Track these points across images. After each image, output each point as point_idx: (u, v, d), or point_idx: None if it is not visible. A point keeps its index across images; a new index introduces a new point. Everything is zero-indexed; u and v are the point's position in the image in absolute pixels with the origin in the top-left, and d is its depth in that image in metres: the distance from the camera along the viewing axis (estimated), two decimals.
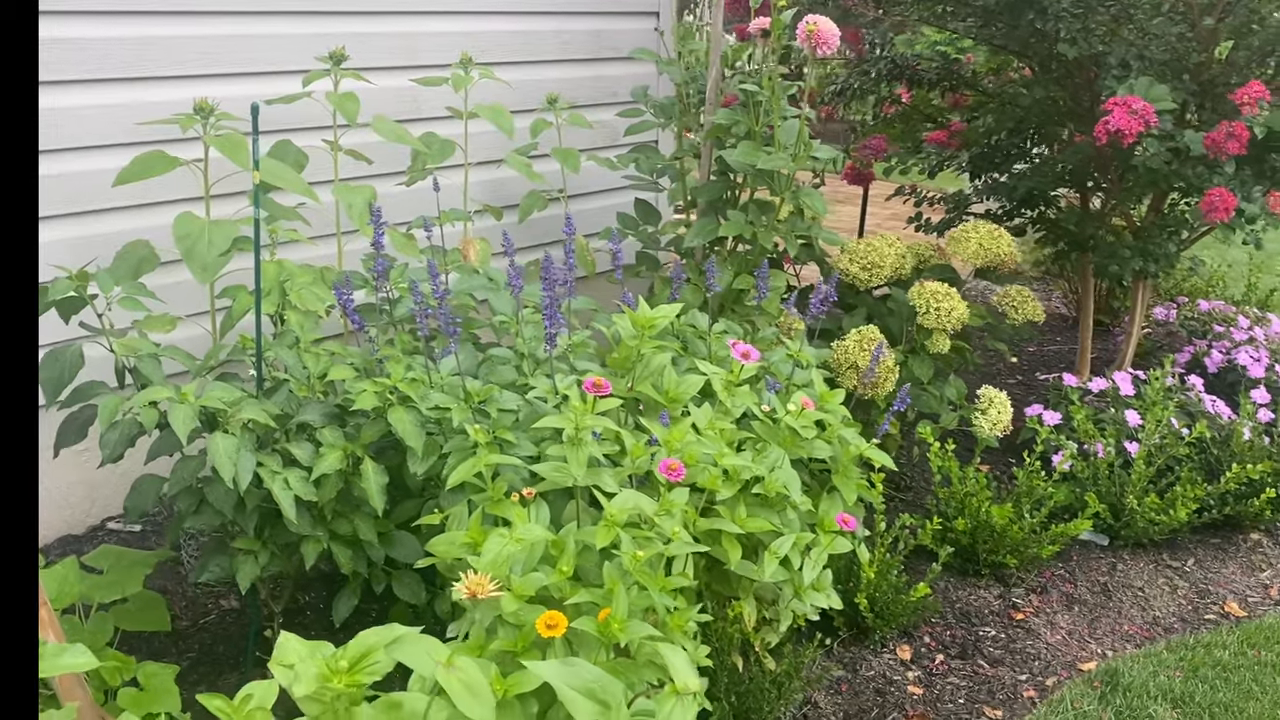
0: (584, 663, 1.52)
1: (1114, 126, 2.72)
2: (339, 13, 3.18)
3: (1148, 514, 3.15)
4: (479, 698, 1.34)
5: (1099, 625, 3.02)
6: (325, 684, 1.44)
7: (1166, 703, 2.63)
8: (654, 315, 2.26)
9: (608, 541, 1.77)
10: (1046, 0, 3.10)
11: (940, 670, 2.78)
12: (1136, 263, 3.53)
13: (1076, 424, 3.32)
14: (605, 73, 3.91)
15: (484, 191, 3.55)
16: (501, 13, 3.61)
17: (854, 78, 4.60)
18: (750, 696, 2.38)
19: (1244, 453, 3.35)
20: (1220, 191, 2.88)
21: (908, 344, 3.28)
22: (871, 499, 2.77)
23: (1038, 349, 5.24)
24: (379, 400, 2.08)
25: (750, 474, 2.22)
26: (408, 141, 2.75)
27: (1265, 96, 2.75)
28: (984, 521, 3.02)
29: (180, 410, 1.86)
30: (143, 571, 2.18)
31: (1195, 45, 3.27)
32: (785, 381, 2.62)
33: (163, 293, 2.53)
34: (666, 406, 2.28)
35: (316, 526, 2.13)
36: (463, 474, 1.93)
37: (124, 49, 2.82)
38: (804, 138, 2.83)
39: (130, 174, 2.31)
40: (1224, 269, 6.27)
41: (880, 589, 2.75)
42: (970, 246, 3.31)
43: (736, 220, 2.88)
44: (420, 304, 2.13)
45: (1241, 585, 3.26)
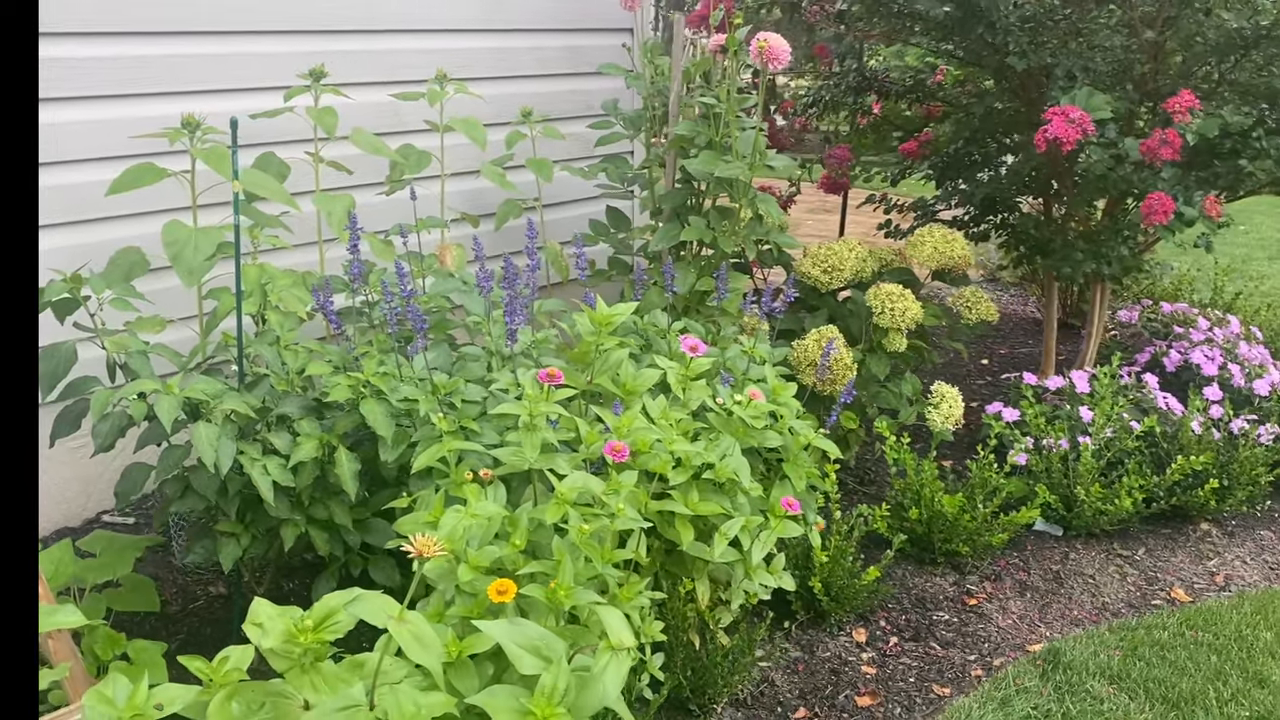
0: (529, 623, 1.68)
1: (1052, 134, 2.88)
2: (322, 32, 3.35)
3: (1094, 503, 3.30)
4: (427, 648, 1.49)
5: (1049, 610, 3.17)
6: (292, 641, 1.59)
7: (1104, 679, 2.77)
8: (611, 313, 2.41)
9: (558, 518, 1.93)
10: (995, 15, 3.27)
11: (894, 652, 2.92)
12: (1089, 265, 3.69)
13: (1028, 420, 3.47)
14: (580, 87, 4.08)
15: (463, 201, 3.71)
16: (480, 30, 3.78)
17: (825, 90, 4.77)
18: (705, 671, 2.52)
19: (1191, 446, 3.50)
20: (1158, 196, 3.04)
21: (867, 343, 3.43)
22: (826, 488, 2.92)
23: (1009, 351, 5.39)
24: (352, 393, 2.23)
25: (701, 460, 2.37)
26: (385, 153, 2.92)
27: (1195, 105, 2.90)
28: (938, 511, 3.17)
29: (166, 400, 2.02)
30: (133, 555, 2.33)
31: (1140, 57, 3.43)
32: (741, 377, 2.77)
33: (154, 297, 2.69)
34: (623, 399, 2.43)
35: (295, 511, 2.29)
36: (427, 459, 2.09)
37: (117, 67, 2.98)
38: (760, 147, 2.99)
39: (121, 184, 2.47)
40: (1195, 273, 6.43)
41: (835, 574, 2.90)
42: (926, 250, 3.47)
43: (698, 226, 3.04)
44: (390, 303, 2.28)
45: (1189, 573, 3.40)
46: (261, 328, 2.46)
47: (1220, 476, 3.49)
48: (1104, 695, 2.70)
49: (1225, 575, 3.39)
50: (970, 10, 3.28)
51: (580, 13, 4.10)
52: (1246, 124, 3.07)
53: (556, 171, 3.51)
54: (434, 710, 1.54)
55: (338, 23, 3.39)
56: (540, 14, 4.00)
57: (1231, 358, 4.19)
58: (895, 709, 2.69)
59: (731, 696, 2.66)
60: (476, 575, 1.83)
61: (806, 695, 2.72)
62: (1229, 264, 7.51)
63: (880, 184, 4.56)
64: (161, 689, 1.67)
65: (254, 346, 2.36)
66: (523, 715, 1.58)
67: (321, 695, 1.56)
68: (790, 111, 4.95)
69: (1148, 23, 3.34)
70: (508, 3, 3.90)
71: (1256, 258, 7.80)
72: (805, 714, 2.65)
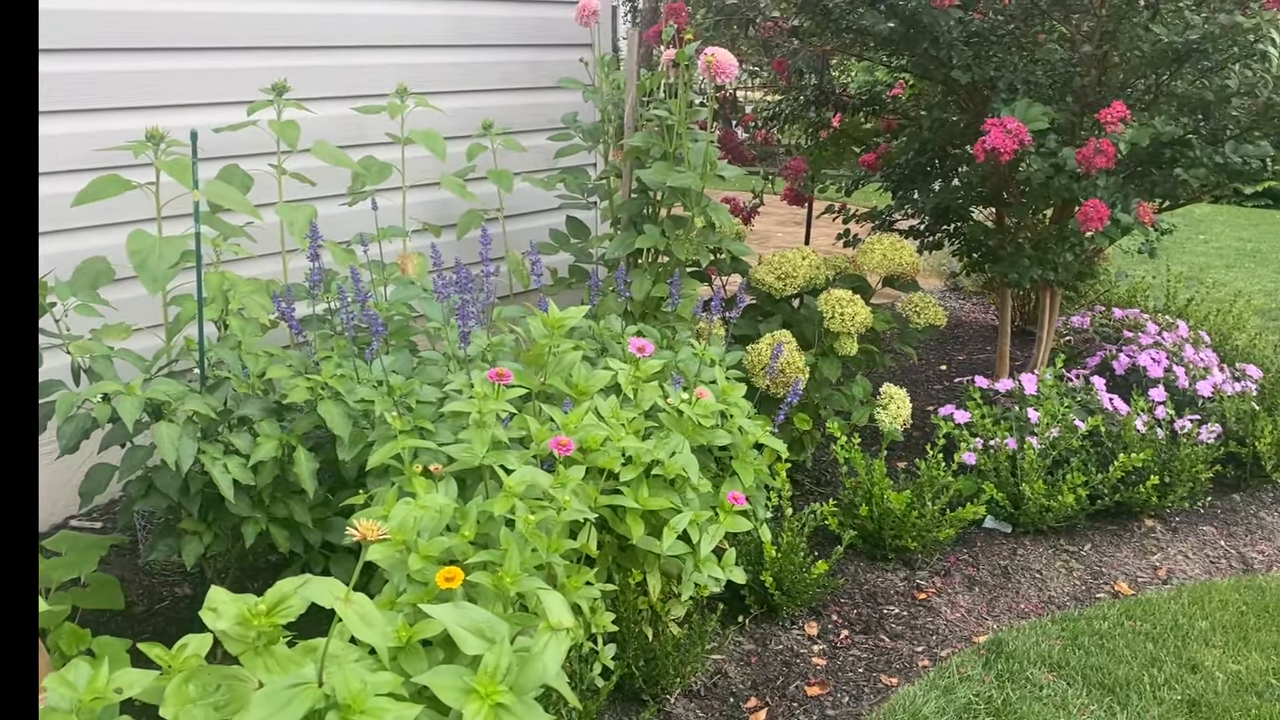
0: (474, 607, 1.76)
1: (990, 145, 3.00)
2: (286, 48, 3.44)
3: (1039, 499, 3.40)
4: (373, 627, 1.58)
5: (997, 604, 3.27)
6: (246, 624, 1.67)
7: (1045, 667, 2.88)
8: (563, 316, 2.50)
9: (506, 509, 2.01)
10: (938, 30, 3.39)
11: (844, 644, 3.02)
12: (1036, 271, 3.81)
13: (974, 420, 3.58)
14: (541, 100, 4.18)
15: (427, 211, 3.80)
16: (442, 46, 3.88)
17: (785, 104, 4.89)
18: (658, 662, 2.61)
19: (1134, 444, 3.62)
20: (1094, 203, 3.16)
21: (819, 347, 3.54)
22: (778, 485, 3.02)
23: (967, 357, 5.51)
24: (310, 394, 2.31)
25: (651, 457, 2.46)
26: (347, 164, 3.00)
27: (1126, 115, 3.03)
28: (887, 509, 3.27)
29: (128, 401, 2.10)
30: (98, 554, 2.40)
31: (1079, 69, 3.56)
32: (693, 378, 2.87)
33: (120, 306, 2.76)
34: (576, 399, 2.52)
35: (256, 509, 2.36)
36: (382, 456, 2.17)
37: (84, 83, 3.07)
38: (711, 158, 3.10)
39: (87, 195, 2.55)
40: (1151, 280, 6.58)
41: (787, 569, 2.99)
42: (876, 257, 3.58)
43: (652, 233, 3.14)
44: (347, 307, 2.37)
45: (1133, 567, 3.51)
46: (224, 333, 2.54)
47: (1161, 473, 3.61)
48: (1044, 682, 2.81)
49: (1168, 569, 3.50)
50: (914, 26, 3.41)
51: (540, 30, 4.21)
52: (1177, 133, 3.19)
53: (518, 183, 3.60)
54: (380, 688, 1.62)
55: (302, 39, 3.49)
56: (502, 31, 4.10)
57: (1177, 360, 4.32)
58: (844, 698, 2.78)
59: (685, 687, 2.75)
60: (426, 564, 1.92)
61: (758, 686, 2.81)
62: (1188, 272, 7.70)
63: (835, 194, 4.68)
64: (121, 674, 1.75)
65: (216, 350, 2.44)
66: (466, 692, 1.66)
67: (274, 676, 1.64)
68: (751, 125, 5.06)
69: (1086, 37, 3.48)
70: (470, 20, 4.00)
71: (1215, 265, 7.97)
72: (756, 703, 2.74)
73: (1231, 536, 3.72)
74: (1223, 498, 3.97)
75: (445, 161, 3.24)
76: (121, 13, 3.13)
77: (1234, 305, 5.46)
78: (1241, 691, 2.79)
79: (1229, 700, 2.74)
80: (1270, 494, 4.01)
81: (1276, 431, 3.86)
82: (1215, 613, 3.16)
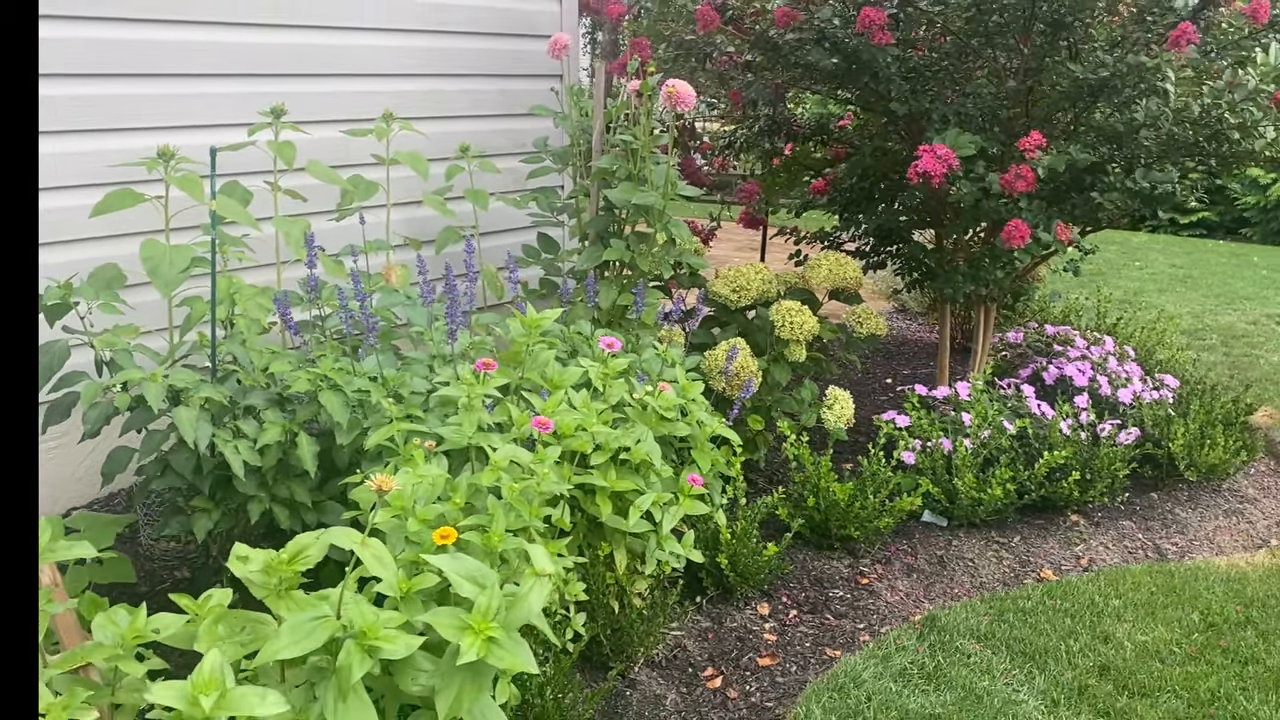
0: (467, 557, 2.03)
1: (921, 169, 3.33)
2: (282, 75, 3.72)
3: (969, 492, 3.72)
4: (386, 566, 1.84)
5: (933, 588, 3.57)
6: (270, 571, 1.93)
7: (973, 639, 3.18)
8: (540, 318, 2.79)
9: (493, 480, 2.28)
10: (878, 65, 3.73)
11: (793, 622, 3.30)
12: (969, 286, 4.15)
13: (913, 424, 3.90)
14: (515, 126, 4.48)
15: (410, 227, 4.07)
16: (424, 75, 4.18)
17: (740, 132, 5.23)
18: (624, 632, 2.88)
19: (1058, 445, 3.95)
20: (1016, 223, 3.50)
21: (771, 354, 3.84)
22: (733, 474, 3.31)
23: (912, 371, 5.85)
24: (311, 385, 2.57)
25: (619, 444, 2.75)
26: (337, 182, 3.27)
27: (1043, 144, 3.38)
28: (833, 501, 3.57)
29: (152, 387, 2.35)
30: (114, 530, 2.63)
31: (1006, 102, 3.92)
32: (656, 376, 3.16)
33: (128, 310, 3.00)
34: (551, 391, 2.80)
35: (260, 489, 2.61)
36: (380, 438, 2.43)
37: (102, 106, 3.32)
38: (671, 179, 3.41)
39: (103, 207, 2.80)
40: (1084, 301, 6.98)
41: (740, 552, 3.27)
42: (822, 272, 3.90)
43: (617, 248, 3.44)
44: (346, 306, 2.64)
45: (1058, 556, 3.83)
46: (230, 331, 2.79)
47: (1083, 471, 3.95)
48: (971, 651, 3.11)
49: (1089, 559, 3.82)
50: (856, 62, 3.75)
51: (514, 61, 4.52)
52: (1090, 160, 3.55)
53: (494, 202, 3.89)
54: (390, 622, 1.88)
55: (297, 68, 3.76)
56: (479, 62, 4.41)
57: (1101, 371, 4.68)
58: (792, 667, 3.06)
59: (648, 658, 3.02)
60: (423, 527, 2.18)
61: (715, 658, 3.08)
62: (1123, 295, 8.14)
63: (786, 217, 5.01)
64: (156, 617, 1.99)
65: (225, 346, 2.69)
66: (462, 629, 1.92)
67: (295, 614, 1.89)
68: (709, 152, 5.39)
69: (1012, 73, 3.84)
70: (449, 52, 4.30)
71: (1148, 290, 8.41)
72: (713, 673, 3.01)
73: (1149, 530, 4.06)
74: (1142, 495, 4.31)
75: (427, 181, 3.52)
76: (135, 41, 3.39)
77: (1157, 324, 5.86)
78: (1147, 658, 3.11)
79: (1135, 665, 3.06)
80: (1185, 492, 4.36)
81: (1188, 434, 4.21)
82: (1128, 593, 3.48)
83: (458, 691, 1.93)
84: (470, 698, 1.94)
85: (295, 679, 1.95)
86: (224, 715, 1.63)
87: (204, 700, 1.59)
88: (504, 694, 2.17)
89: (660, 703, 2.86)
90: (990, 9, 3.66)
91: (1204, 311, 7.60)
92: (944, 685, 2.93)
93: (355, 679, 1.76)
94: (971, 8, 3.67)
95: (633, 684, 2.91)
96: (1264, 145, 3.49)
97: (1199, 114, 3.38)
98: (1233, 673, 3.03)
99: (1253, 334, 6.93)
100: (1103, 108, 3.89)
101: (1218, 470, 4.26)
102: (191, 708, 1.60)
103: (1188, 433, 4.23)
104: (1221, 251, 10.70)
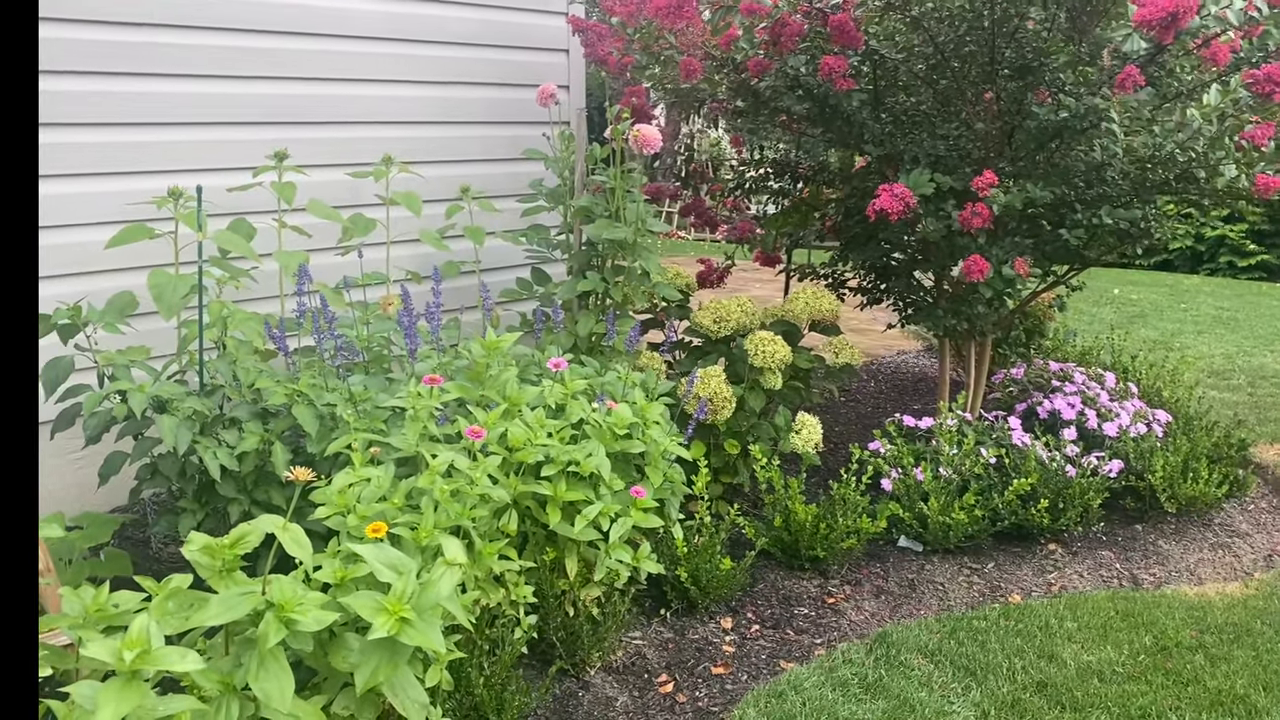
0: (390, 547, 2.26)
1: (879, 206, 3.52)
2: (289, 123, 4.08)
3: (936, 517, 3.85)
4: (302, 548, 2.09)
5: (900, 610, 3.69)
6: (213, 554, 2.19)
7: (921, 655, 3.30)
8: (498, 341, 3.04)
9: (429, 483, 2.52)
10: (847, 109, 3.94)
11: (754, 636, 3.46)
12: (950, 321, 4.29)
13: (885, 452, 4.05)
14: (520, 169, 4.78)
15: (415, 263, 4.38)
16: (430, 122, 4.51)
17: (747, 174, 5.46)
18: (576, 635, 3.08)
19: (1031, 473, 4.06)
20: (975, 258, 3.66)
21: (749, 382, 4.03)
22: (696, 491, 3.50)
23: (923, 405, 5.96)
24: (286, 398, 2.85)
25: (568, 457, 2.96)
26: (337, 220, 3.58)
27: (994, 182, 3.54)
28: (800, 522, 3.72)
29: (137, 395, 2.65)
30: (112, 527, 2.93)
31: (976, 144, 4.09)
32: (620, 398, 3.38)
33: (143, 335, 3.34)
34: (509, 408, 3.04)
35: (240, 493, 2.89)
36: (337, 445, 2.69)
37: (121, 150, 3.70)
38: (642, 215, 3.65)
39: (118, 240, 3.13)
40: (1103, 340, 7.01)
41: (701, 567, 3.44)
42: (800, 304, 4.09)
43: (593, 279, 3.69)
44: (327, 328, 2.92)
45: (1029, 583, 3.92)
46: (222, 352, 3.10)
47: (1055, 499, 4.04)
48: (916, 665, 3.23)
49: (1061, 585, 3.90)
50: (826, 107, 3.96)
51: (521, 109, 4.84)
52: (1047, 197, 3.69)
53: (494, 240, 4.17)
54: (312, 602, 2.12)
55: (303, 116, 4.12)
56: (490, 110, 4.73)
57: (1091, 405, 4.76)
58: (743, 676, 3.22)
59: (606, 664, 3.21)
60: (362, 522, 2.43)
61: (671, 666, 3.26)
62: (1160, 337, 8.13)
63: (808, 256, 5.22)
64: (117, 594, 2.27)
65: (214, 365, 2.99)
66: (379, 610, 2.15)
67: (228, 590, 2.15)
68: (719, 193, 5.63)
69: (978, 116, 4.01)
70: (461, 101, 4.64)
71: (1186, 331, 8.37)
72: (666, 679, 3.18)
73: (1127, 560, 4.12)
74: (1126, 526, 4.37)
75: (421, 218, 3.81)
76: (152, 94, 3.77)
77: (1167, 362, 5.88)
78: (1088, 676, 3.19)
79: (1074, 682, 3.15)
80: (1171, 525, 4.40)
81: (1168, 466, 4.27)
82: (1084, 617, 3.56)
83: (375, 666, 2.16)
84: (386, 671, 2.16)
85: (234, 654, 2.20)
86: (149, 669, 1.87)
87: (127, 654, 1.84)
88: (435, 678, 2.40)
89: (611, 704, 3.05)
90: (951, 56, 3.84)
91: (1238, 353, 7.54)
92: (880, 695, 3.06)
93: (272, 644, 2.00)
94: (935, 55, 3.86)
95: (586, 686, 3.10)
96: (1224, 184, 3.59)
97: (1150, 154, 3.50)
98: (1170, 693, 3.11)
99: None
100: (1065, 148, 4.04)
101: (1197, 503, 4.30)
102: (117, 661, 1.85)
103: (1169, 465, 4.28)
104: (1276, 294, 10.54)
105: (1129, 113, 3.62)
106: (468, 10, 4.66)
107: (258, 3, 3.99)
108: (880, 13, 3.96)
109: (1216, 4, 3.46)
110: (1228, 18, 3.45)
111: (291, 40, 4.08)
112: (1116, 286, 10.61)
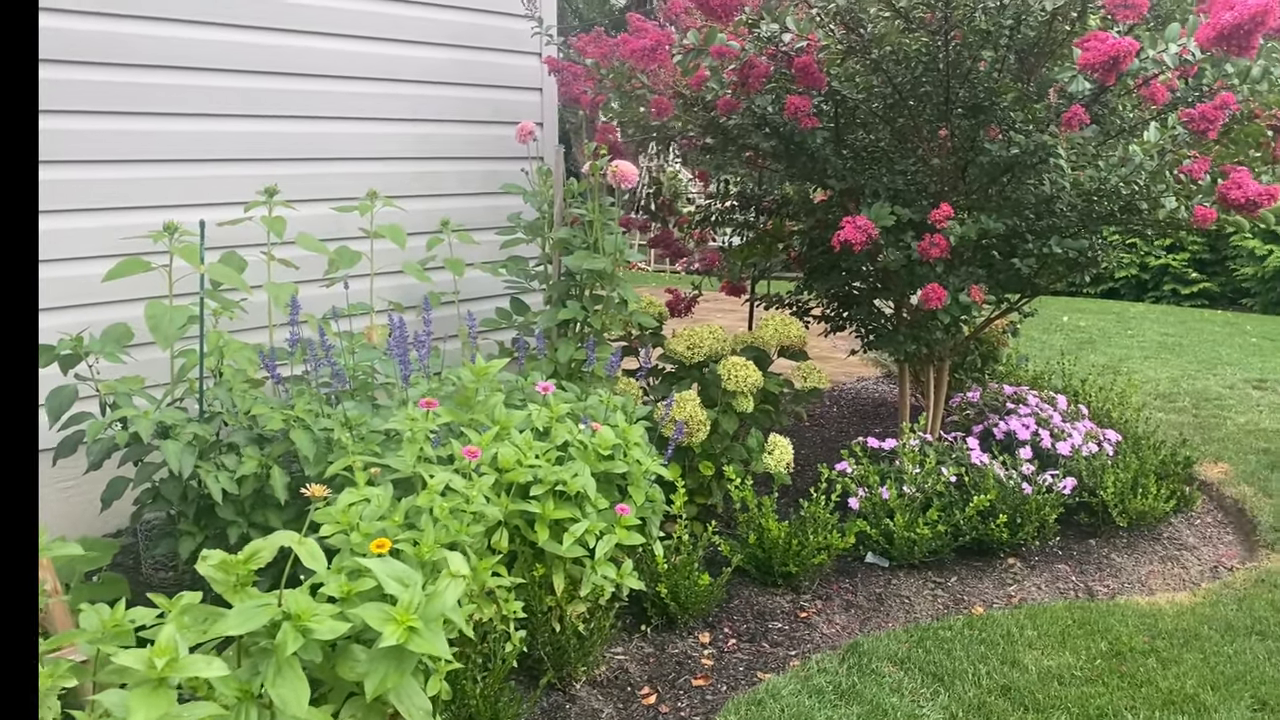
0: (395, 560, 2.39)
1: (843, 237, 3.72)
2: (277, 159, 4.20)
3: (901, 533, 4.03)
4: (317, 561, 2.21)
5: (869, 622, 3.86)
6: (228, 569, 2.30)
7: (891, 663, 3.47)
8: (486, 367, 3.18)
9: (427, 502, 2.65)
10: (811, 146, 4.15)
11: (731, 649, 3.61)
12: (909, 346, 4.50)
13: (852, 472, 4.23)
14: (498, 203, 4.94)
15: (398, 293, 4.51)
16: (410, 158, 4.67)
17: (714, 207, 5.65)
18: (563, 649, 3.20)
19: (989, 490, 4.26)
20: (932, 286, 3.86)
21: (722, 405, 4.20)
22: (674, 510, 3.65)
23: (884, 429, 6.16)
24: (284, 424, 2.97)
25: (556, 477, 3.10)
26: (324, 252, 3.71)
27: (950, 214, 3.75)
28: (773, 539, 3.88)
29: (142, 421, 2.75)
30: (111, 551, 3.01)
31: (934, 178, 4.31)
32: (602, 420, 3.52)
33: (138, 365, 3.44)
34: (498, 432, 3.17)
35: (239, 516, 2.99)
36: (336, 468, 2.81)
37: (117, 187, 3.81)
38: (619, 246, 3.82)
39: (115, 273, 3.24)
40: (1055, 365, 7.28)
41: (680, 583, 3.59)
42: (769, 331, 4.28)
43: (572, 308, 3.85)
44: (324, 356, 3.04)
45: (991, 596, 4.11)
46: (219, 379, 3.21)
47: (1013, 515, 4.24)
48: (887, 673, 3.39)
49: (1021, 597, 4.09)
50: (792, 143, 4.17)
51: (499, 144, 5.01)
52: (1000, 228, 3.91)
53: (474, 272, 4.32)
54: (326, 611, 2.24)
55: (290, 153, 4.25)
56: (467, 147, 4.89)
57: (1044, 426, 4.98)
58: (723, 687, 3.36)
59: (590, 677, 3.33)
60: (364, 540, 2.55)
61: (653, 679, 3.39)
62: (1109, 362, 8.42)
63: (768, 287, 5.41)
64: (133, 610, 2.37)
65: (213, 392, 3.10)
66: (387, 619, 2.27)
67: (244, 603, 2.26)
68: (686, 226, 5.82)
69: (934, 153, 4.24)
70: (439, 138, 4.80)
71: (1133, 356, 8.68)
72: (649, 691, 3.32)
73: (1083, 573, 4.32)
74: (1080, 541, 4.58)
75: (405, 250, 3.95)
76: (146, 132, 3.89)
77: (1114, 386, 6.14)
78: (1048, 680, 3.37)
79: (1036, 686, 3.33)
80: (1123, 539, 4.62)
81: (1119, 483, 4.50)
82: (1044, 625, 3.75)
83: (383, 674, 2.28)
84: (394, 680, 2.28)
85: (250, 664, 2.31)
86: (176, 676, 1.98)
87: (157, 661, 1.95)
88: (435, 687, 2.52)
89: (597, 716, 3.17)
90: (908, 95, 4.07)
91: (1183, 376, 7.85)
92: (855, 701, 3.22)
93: (289, 653, 2.11)
94: (893, 95, 4.09)
95: (573, 699, 3.23)
96: (1165, 215, 3.83)
97: (1096, 187, 3.74)
98: (1126, 694, 3.29)
99: (1226, 397, 7.17)
100: (1016, 182, 4.27)
101: (1146, 517, 4.52)
102: (148, 669, 1.96)
103: (1119, 482, 4.50)
104: (1216, 320, 10.94)
105: (1075, 149, 3.86)
106: (448, 51, 4.83)
107: (245, 44, 4.13)
108: (842, 56, 4.18)
109: (1154, 48, 3.71)
110: (1164, 60, 3.71)
111: (279, 80, 4.23)
112: (1066, 314, 10.97)
